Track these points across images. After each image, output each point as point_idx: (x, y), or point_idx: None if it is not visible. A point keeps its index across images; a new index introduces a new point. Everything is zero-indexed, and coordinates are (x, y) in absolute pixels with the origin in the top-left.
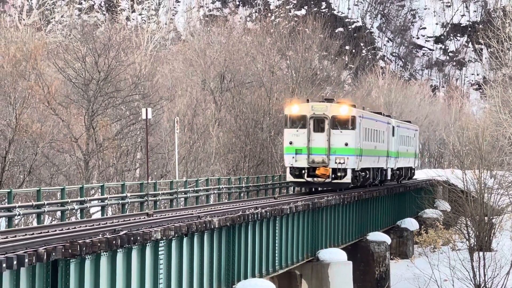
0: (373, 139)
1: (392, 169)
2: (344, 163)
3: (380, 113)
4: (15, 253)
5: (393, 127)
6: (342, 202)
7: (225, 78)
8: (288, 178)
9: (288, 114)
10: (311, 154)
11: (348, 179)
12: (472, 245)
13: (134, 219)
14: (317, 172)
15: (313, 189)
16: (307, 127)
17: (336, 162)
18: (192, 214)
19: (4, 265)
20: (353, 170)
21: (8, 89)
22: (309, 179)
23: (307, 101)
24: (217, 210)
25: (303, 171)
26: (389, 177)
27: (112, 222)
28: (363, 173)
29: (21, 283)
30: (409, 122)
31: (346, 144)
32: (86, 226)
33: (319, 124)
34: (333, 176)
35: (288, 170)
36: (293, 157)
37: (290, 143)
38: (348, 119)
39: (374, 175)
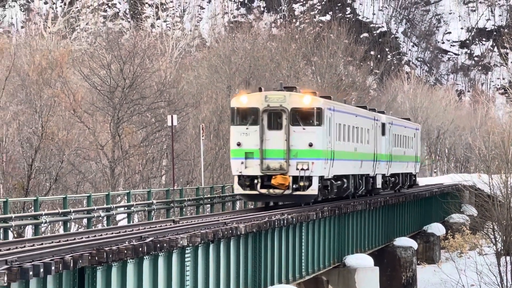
0: (352, 139)
1: (383, 175)
2: (308, 169)
3: (364, 107)
4: (42, 261)
5: (383, 125)
6: (368, 208)
7: (250, 84)
8: (236, 190)
9: (235, 107)
10: (265, 159)
11: (314, 190)
12: (499, 250)
13: (160, 226)
14: (273, 181)
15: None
16: (259, 124)
17: (297, 168)
18: (218, 220)
19: (31, 272)
20: (321, 178)
21: (34, 97)
22: (263, 190)
23: (259, 90)
24: (243, 216)
25: (256, 181)
26: (378, 186)
27: (139, 229)
28: (339, 182)
29: None
30: (408, 119)
31: (311, 145)
32: (112, 233)
33: (275, 119)
34: (294, 186)
35: (235, 179)
36: (242, 163)
37: (238, 144)
38: (312, 112)
39: (356, 184)
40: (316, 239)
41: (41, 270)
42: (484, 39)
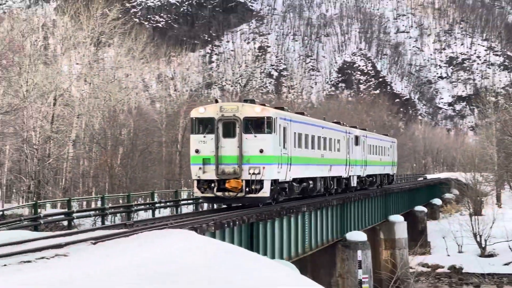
0: (317, 146)
1: (359, 176)
2: (259, 173)
3: (338, 123)
4: (231, 219)
5: (357, 137)
6: (400, 190)
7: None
8: (196, 193)
9: (194, 117)
10: (220, 164)
11: (265, 192)
12: (471, 213)
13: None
14: (227, 185)
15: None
16: (215, 132)
17: (249, 173)
18: (323, 197)
19: (226, 225)
20: (275, 181)
21: None
22: (219, 193)
23: (216, 101)
24: (336, 195)
25: (212, 185)
26: (354, 185)
27: (281, 204)
28: (304, 184)
29: (235, 234)
30: (386, 135)
31: (261, 151)
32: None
33: (229, 128)
34: (247, 189)
35: (195, 183)
36: (200, 168)
37: (196, 151)
38: (262, 121)
39: (327, 184)
40: (373, 207)
41: (231, 223)
42: (461, 101)
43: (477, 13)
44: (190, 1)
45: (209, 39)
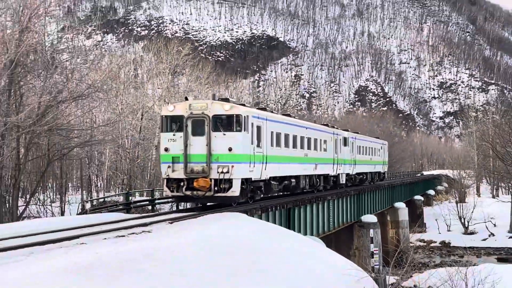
0: (300, 146)
1: (348, 174)
2: (228, 172)
3: (326, 125)
4: (272, 205)
5: (345, 138)
6: (403, 183)
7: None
8: (165, 192)
9: (163, 115)
10: (189, 163)
11: (234, 191)
12: (457, 200)
13: (321, 192)
14: (195, 184)
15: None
16: (184, 130)
17: (218, 172)
18: (342, 189)
19: (269, 209)
20: (246, 180)
21: None
22: (188, 192)
23: (186, 99)
24: (353, 187)
25: (182, 184)
26: (342, 182)
27: (314, 193)
28: (286, 182)
29: (276, 216)
30: (377, 138)
31: (230, 149)
32: (302, 195)
33: (198, 126)
34: (215, 188)
35: (165, 182)
36: (169, 167)
37: (166, 149)
38: (232, 119)
39: (313, 182)
40: (382, 196)
41: (273, 208)
42: (450, 116)
43: (461, 49)
44: (243, 41)
45: (257, 69)
